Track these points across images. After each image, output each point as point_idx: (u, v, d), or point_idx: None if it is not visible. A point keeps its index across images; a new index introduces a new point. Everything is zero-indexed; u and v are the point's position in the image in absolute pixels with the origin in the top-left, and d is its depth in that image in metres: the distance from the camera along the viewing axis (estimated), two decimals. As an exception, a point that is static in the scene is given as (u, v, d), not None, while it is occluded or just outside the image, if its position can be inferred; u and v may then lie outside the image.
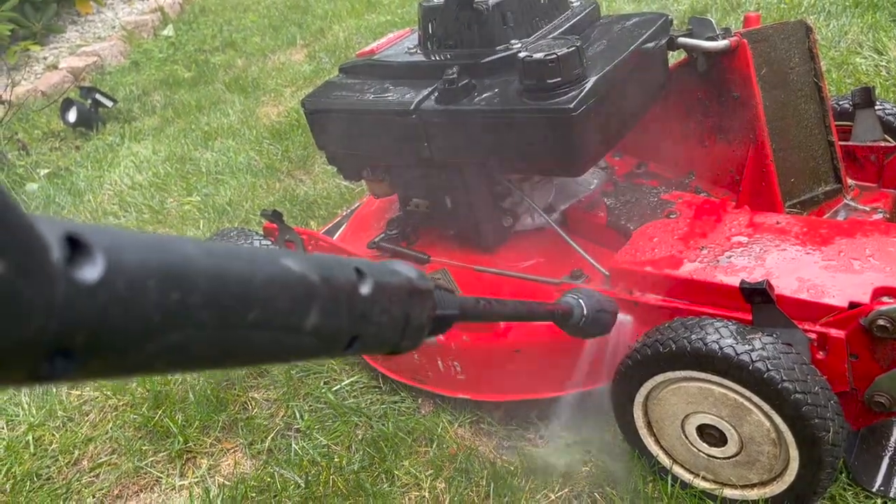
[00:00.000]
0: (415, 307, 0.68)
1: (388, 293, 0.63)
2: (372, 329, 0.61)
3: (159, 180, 3.73)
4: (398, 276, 0.67)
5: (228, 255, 0.48)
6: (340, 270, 0.58)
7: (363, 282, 0.60)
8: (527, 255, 1.95)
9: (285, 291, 0.51)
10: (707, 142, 1.96)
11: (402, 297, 0.66)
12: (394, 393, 2.04)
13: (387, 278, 0.64)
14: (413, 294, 0.67)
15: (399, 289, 0.66)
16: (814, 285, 1.44)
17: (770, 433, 1.39)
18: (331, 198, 3.13)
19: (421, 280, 0.70)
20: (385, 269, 0.66)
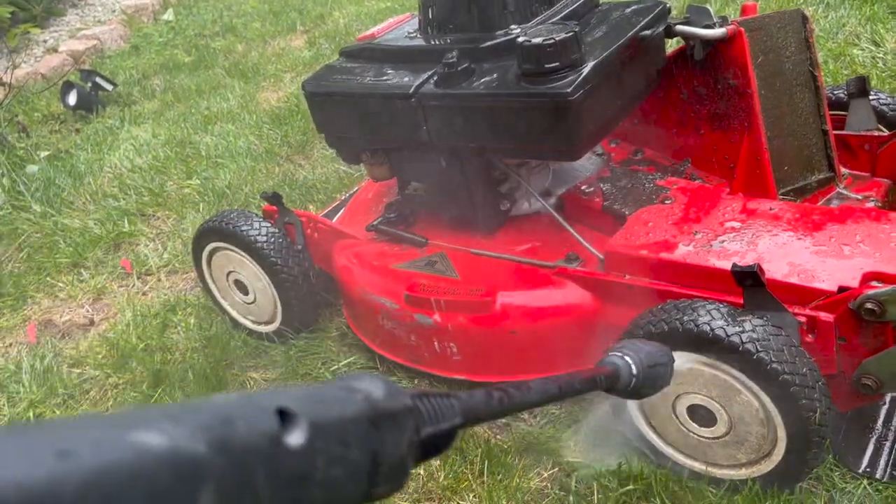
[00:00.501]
0: (386, 439, 0.50)
1: (339, 432, 0.47)
2: (316, 492, 0.44)
3: (159, 163, 3.74)
4: (352, 403, 0.50)
5: None
6: (249, 421, 0.41)
7: (292, 427, 0.43)
8: (523, 238, 1.98)
9: (138, 486, 0.34)
10: (703, 129, 1.99)
11: (363, 432, 0.49)
12: (390, 373, 2.06)
13: (333, 411, 0.47)
14: (379, 422, 0.50)
15: (355, 421, 0.48)
16: (804, 270, 1.47)
17: (759, 413, 1.42)
18: (330, 182, 3.15)
19: (391, 398, 0.53)
20: (331, 397, 0.49)
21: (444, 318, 1.85)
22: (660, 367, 1.08)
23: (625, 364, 1.02)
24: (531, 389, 0.80)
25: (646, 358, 1.05)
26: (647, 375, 1.04)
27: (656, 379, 1.07)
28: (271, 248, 2.13)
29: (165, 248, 3.01)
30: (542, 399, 0.82)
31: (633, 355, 1.04)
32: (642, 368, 1.03)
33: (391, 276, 1.98)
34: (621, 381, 1.01)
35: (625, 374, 1.02)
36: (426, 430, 0.56)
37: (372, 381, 0.52)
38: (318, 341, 2.24)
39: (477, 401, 0.68)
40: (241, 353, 2.28)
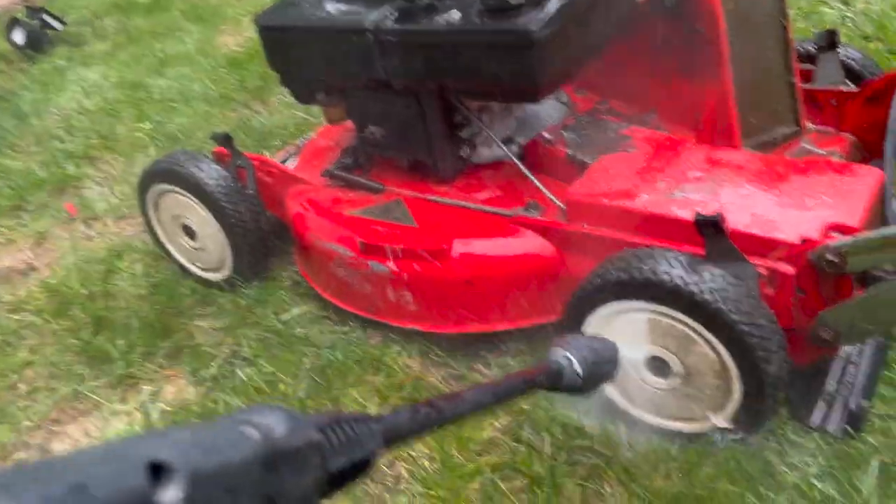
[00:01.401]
0: (284, 480, 0.46)
1: (225, 480, 0.41)
2: None
3: (109, 106, 3.58)
4: (243, 445, 0.44)
5: None
6: (111, 482, 0.35)
7: (166, 483, 0.38)
8: (483, 186, 1.91)
9: None
10: (670, 79, 1.93)
11: (256, 476, 0.44)
12: (343, 323, 2.00)
13: (218, 458, 0.41)
14: (278, 462, 0.46)
15: (247, 465, 0.43)
16: (767, 221, 1.44)
17: (715, 365, 1.39)
18: (287, 129, 3.04)
19: (294, 433, 0.48)
20: (219, 440, 0.43)
21: (399, 266, 1.78)
22: (604, 363, 1.08)
23: (569, 362, 1.01)
24: (464, 400, 0.77)
25: (590, 355, 1.04)
26: (591, 373, 1.03)
27: (601, 376, 1.07)
28: (221, 191, 2.04)
29: (113, 192, 2.88)
30: (475, 408, 0.79)
31: (577, 353, 1.02)
32: (587, 366, 1.02)
33: (345, 222, 1.91)
34: (565, 379, 1.00)
35: (569, 373, 1.00)
36: (337, 462, 0.53)
37: (274, 415, 0.48)
38: (269, 290, 2.17)
39: (400, 420, 0.64)
40: (190, 301, 2.19)
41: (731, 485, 1.42)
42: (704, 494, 1.39)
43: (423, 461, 1.59)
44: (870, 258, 1.28)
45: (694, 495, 1.40)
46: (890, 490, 1.38)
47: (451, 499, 1.48)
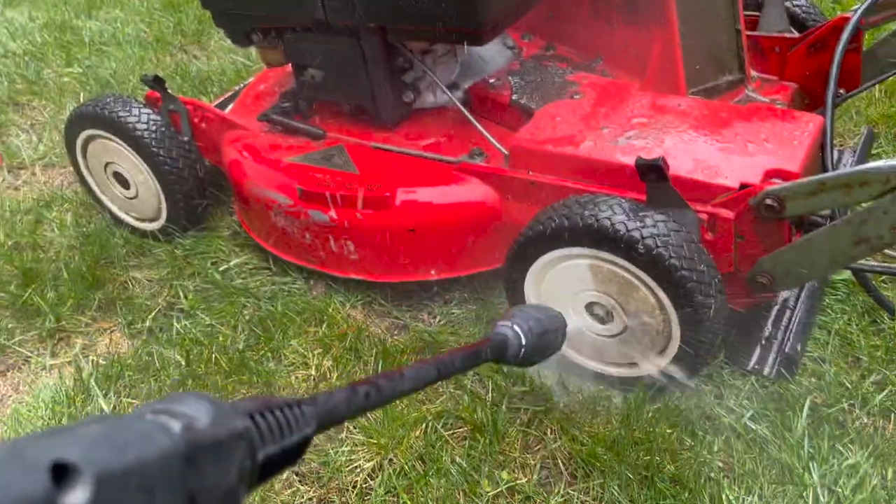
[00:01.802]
0: (207, 474, 0.43)
1: (138, 478, 0.38)
2: None
3: (35, 49, 3.39)
4: (159, 439, 0.41)
5: None
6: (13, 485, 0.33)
7: (71, 485, 0.35)
8: (427, 132, 1.87)
9: None
10: (616, 24, 1.90)
11: (175, 471, 0.41)
12: (284, 274, 1.96)
13: (130, 455, 0.38)
14: (198, 456, 0.42)
15: (163, 461, 0.40)
16: (708, 166, 1.43)
17: (655, 310, 1.40)
18: (226, 74, 2.93)
19: (218, 422, 0.45)
20: (132, 434, 0.40)
21: (340, 214, 1.74)
22: (550, 334, 1.07)
23: (514, 334, 1.00)
24: (404, 377, 0.74)
25: (535, 326, 1.03)
26: (535, 344, 1.02)
27: (546, 347, 1.06)
28: (153, 137, 1.95)
29: (41, 139, 2.74)
30: (417, 386, 0.76)
31: (523, 324, 1.02)
32: (531, 337, 1.01)
33: (284, 169, 1.84)
34: (509, 351, 0.99)
35: (513, 344, 0.99)
36: (266, 451, 0.50)
37: (196, 405, 0.45)
38: (207, 240, 2.10)
39: (336, 401, 0.61)
40: (123, 252, 2.11)
41: (668, 428, 1.44)
42: (643, 437, 1.41)
43: (365, 411, 1.57)
44: (807, 203, 1.28)
45: (633, 438, 1.41)
46: (821, 430, 1.42)
47: (393, 447, 1.47)
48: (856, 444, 1.40)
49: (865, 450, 1.38)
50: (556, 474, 1.43)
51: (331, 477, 1.45)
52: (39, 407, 1.68)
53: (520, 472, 1.44)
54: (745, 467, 1.38)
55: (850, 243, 1.27)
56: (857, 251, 1.28)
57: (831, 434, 1.41)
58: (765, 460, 1.39)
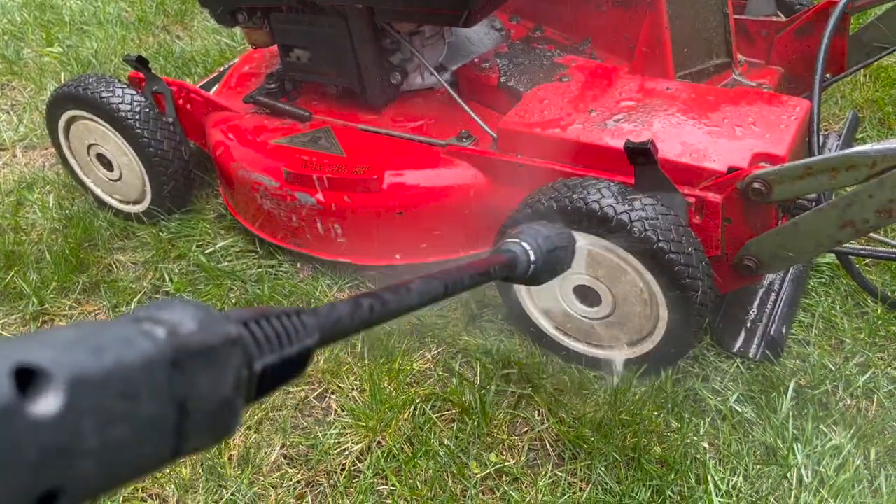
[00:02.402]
0: (197, 382, 0.40)
1: (119, 383, 0.36)
2: (89, 466, 0.34)
3: (15, 28, 3.33)
4: (141, 343, 0.38)
5: None
6: None
7: (40, 391, 0.32)
8: (414, 114, 1.86)
9: None
10: (604, 7, 1.89)
11: (161, 378, 0.38)
12: (271, 257, 1.95)
13: (108, 358, 0.35)
14: (186, 362, 0.40)
15: (147, 366, 0.37)
16: (696, 150, 1.44)
17: (643, 293, 1.40)
18: (210, 55, 2.89)
19: (206, 328, 0.42)
20: (110, 339, 0.37)
21: (327, 197, 1.73)
22: (559, 250, 1.02)
23: (522, 250, 0.95)
24: (411, 291, 0.70)
25: (544, 242, 0.98)
26: (546, 261, 0.97)
27: (555, 263, 1.01)
28: (136, 118, 1.92)
29: (21, 120, 2.70)
30: (424, 300, 0.72)
31: (531, 240, 0.97)
32: (541, 254, 0.96)
33: (270, 152, 1.83)
34: (518, 268, 0.94)
35: (522, 261, 0.95)
36: (264, 360, 0.46)
37: (182, 311, 0.42)
38: (192, 223, 2.08)
39: (340, 314, 0.57)
40: (107, 235, 2.09)
41: (655, 410, 1.45)
42: (629, 419, 1.42)
43: (354, 393, 1.57)
44: (793, 187, 1.29)
45: (619, 420, 1.42)
46: (805, 411, 1.44)
47: (381, 429, 1.48)
48: (839, 425, 1.42)
49: (849, 431, 1.40)
50: (544, 456, 1.44)
51: (319, 459, 1.45)
52: (23, 391, 1.67)
53: (508, 453, 1.44)
54: (731, 448, 1.40)
55: (836, 227, 1.28)
56: (843, 234, 1.29)
57: (815, 415, 1.43)
58: (750, 441, 1.41)
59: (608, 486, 1.35)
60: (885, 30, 1.82)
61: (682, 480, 1.34)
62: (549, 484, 1.38)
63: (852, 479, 1.32)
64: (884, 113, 2.21)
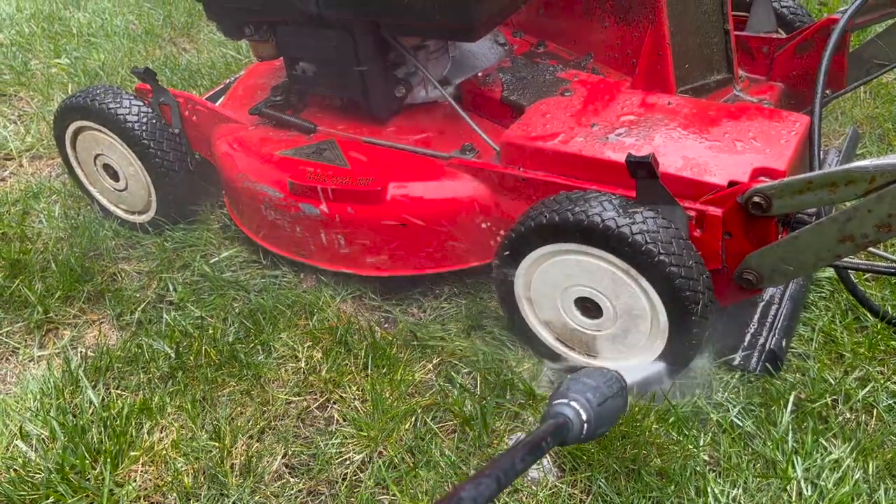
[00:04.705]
0: None
1: None
2: None
3: (23, 39, 3.37)
4: None
5: None
6: None
7: None
8: (418, 127, 1.88)
9: None
10: (607, 22, 1.92)
11: None
12: (275, 267, 1.96)
13: None
14: None
15: None
16: (697, 164, 1.45)
17: (643, 306, 1.41)
18: (216, 68, 2.92)
19: None
20: None
21: (331, 208, 1.74)
22: (610, 400, 0.98)
23: (573, 412, 0.92)
24: (462, 500, 0.68)
25: (594, 397, 0.95)
26: (599, 414, 0.94)
27: (611, 414, 0.98)
28: (143, 129, 1.95)
29: (29, 131, 2.72)
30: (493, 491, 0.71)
31: (580, 398, 0.94)
32: (593, 410, 0.93)
33: (275, 163, 1.85)
34: (572, 432, 0.91)
35: (575, 423, 0.91)
36: None
37: None
38: (197, 233, 2.10)
39: None
40: (112, 244, 2.11)
41: (656, 423, 1.46)
42: (629, 431, 1.43)
43: (356, 403, 1.58)
44: (793, 201, 1.30)
45: (619, 432, 1.43)
46: (805, 424, 1.44)
47: (383, 439, 1.48)
48: (839, 438, 1.43)
49: (848, 444, 1.40)
50: (545, 467, 1.44)
51: (321, 469, 1.46)
52: (27, 398, 1.68)
53: (508, 464, 1.45)
54: (731, 461, 1.40)
55: (836, 241, 1.29)
56: (842, 249, 1.30)
57: (815, 429, 1.43)
58: (749, 454, 1.41)
59: (608, 497, 1.36)
60: (884, 47, 1.84)
61: (682, 492, 1.35)
62: (549, 495, 1.38)
63: (851, 493, 1.32)
64: (884, 129, 2.23)
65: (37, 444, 1.56)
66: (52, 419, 1.57)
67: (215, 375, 1.66)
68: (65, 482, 1.44)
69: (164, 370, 1.69)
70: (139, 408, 1.59)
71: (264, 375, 1.66)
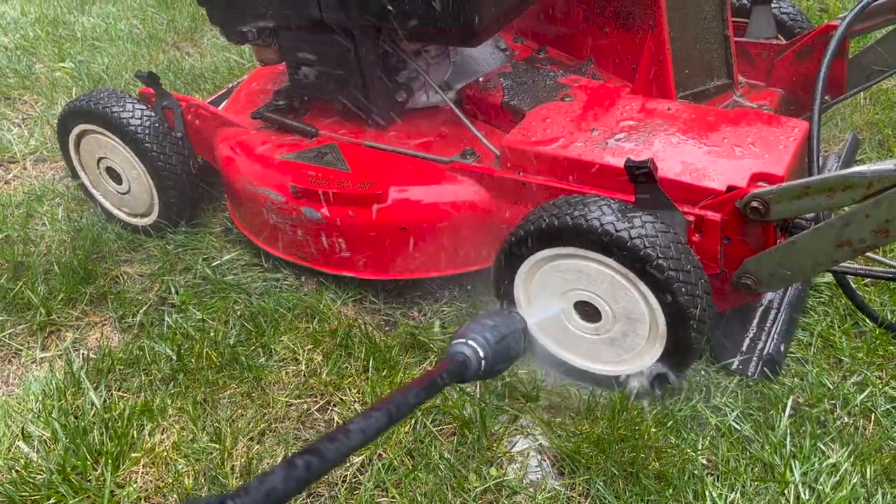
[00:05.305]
0: None
1: None
2: None
3: (27, 43, 3.39)
4: None
5: None
6: None
7: None
8: (419, 132, 1.89)
9: None
10: (607, 28, 1.92)
11: None
12: (276, 270, 1.97)
13: None
14: None
15: None
16: (696, 169, 1.46)
17: (642, 310, 1.42)
18: (219, 72, 2.94)
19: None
20: None
21: (332, 212, 1.75)
22: (508, 338, 1.03)
23: (471, 350, 0.97)
24: (350, 432, 0.69)
25: (491, 335, 1.00)
26: (496, 352, 0.99)
27: (508, 352, 1.03)
28: (146, 132, 1.96)
29: (32, 134, 2.74)
30: (368, 437, 0.73)
31: (478, 337, 0.99)
32: (490, 348, 0.98)
33: (277, 167, 1.86)
34: (470, 368, 0.96)
35: (472, 359, 0.96)
36: None
37: None
38: (199, 236, 2.11)
39: (273, 483, 0.58)
40: (115, 247, 2.12)
41: (655, 426, 1.47)
42: (628, 435, 1.44)
43: (356, 406, 1.59)
44: (791, 206, 1.31)
45: (618, 435, 1.44)
46: (803, 429, 1.45)
47: (382, 442, 1.49)
48: (836, 443, 1.43)
49: (846, 449, 1.41)
50: (543, 470, 1.45)
51: (320, 471, 1.46)
52: (29, 399, 1.69)
53: (507, 467, 1.46)
54: (729, 465, 1.41)
55: (833, 246, 1.30)
56: (840, 254, 1.31)
57: (813, 433, 1.44)
58: (747, 458, 1.42)
59: (607, 500, 1.36)
60: (884, 53, 1.84)
61: (679, 496, 1.35)
62: (548, 498, 1.39)
63: (849, 497, 1.32)
64: (883, 135, 2.23)
65: (38, 445, 1.57)
66: (54, 420, 1.58)
67: (216, 378, 1.67)
68: (66, 483, 1.45)
69: (165, 372, 1.70)
70: (140, 409, 1.60)
71: (265, 378, 1.66)
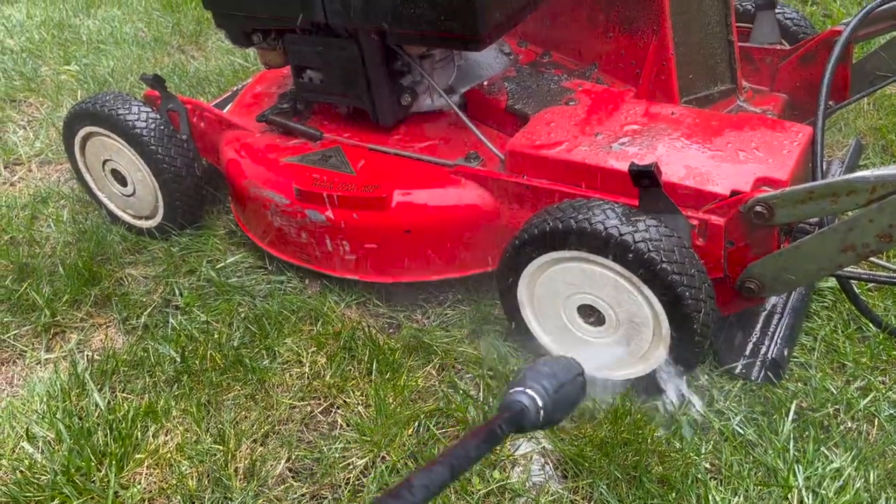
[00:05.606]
0: None
1: None
2: None
3: (33, 46, 3.40)
4: None
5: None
6: None
7: None
8: (423, 135, 1.89)
9: None
10: (611, 32, 1.93)
11: None
12: (280, 273, 1.97)
13: None
14: None
15: None
16: (700, 173, 1.46)
17: (646, 314, 1.42)
18: (224, 75, 2.95)
19: None
20: None
21: (337, 214, 1.76)
22: (567, 385, 0.99)
23: (529, 398, 0.92)
24: (413, 487, 0.68)
25: (549, 383, 0.96)
26: (556, 401, 0.95)
27: (568, 399, 0.99)
28: (151, 135, 1.97)
29: (38, 136, 2.75)
30: (431, 493, 0.71)
31: (535, 385, 0.94)
32: (548, 396, 0.94)
33: (282, 170, 1.86)
34: (528, 418, 0.92)
35: (531, 409, 0.92)
36: None
37: None
38: (203, 238, 2.11)
39: None
40: (119, 249, 2.12)
41: (657, 430, 1.47)
42: (631, 438, 1.44)
43: (359, 408, 1.59)
44: (795, 211, 1.31)
45: (621, 439, 1.44)
46: (806, 433, 1.45)
47: (386, 444, 1.49)
48: (840, 447, 1.43)
49: (849, 453, 1.41)
50: (546, 473, 1.45)
51: (324, 473, 1.47)
52: (34, 401, 1.69)
53: (511, 470, 1.46)
54: (732, 469, 1.40)
55: (837, 250, 1.30)
56: (844, 258, 1.31)
57: (816, 437, 1.44)
58: (751, 462, 1.42)
59: (610, 504, 1.37)
60: (887, 59, 1.85)
61: (683, 500, 1.35)
62: (551, 501, 1.39)
63: (852, 502, 1.32)
64: (887, 140, 2.24)
65: (43, 446, 1.57)
66: (59, 421, 1.59)
67: (220, 380, 1.67)
68: (70, 484, 1.46)
69: (169, 374, 1.71)
70: (144, 411, 1.60)
71: (269, 380, 1.67)
